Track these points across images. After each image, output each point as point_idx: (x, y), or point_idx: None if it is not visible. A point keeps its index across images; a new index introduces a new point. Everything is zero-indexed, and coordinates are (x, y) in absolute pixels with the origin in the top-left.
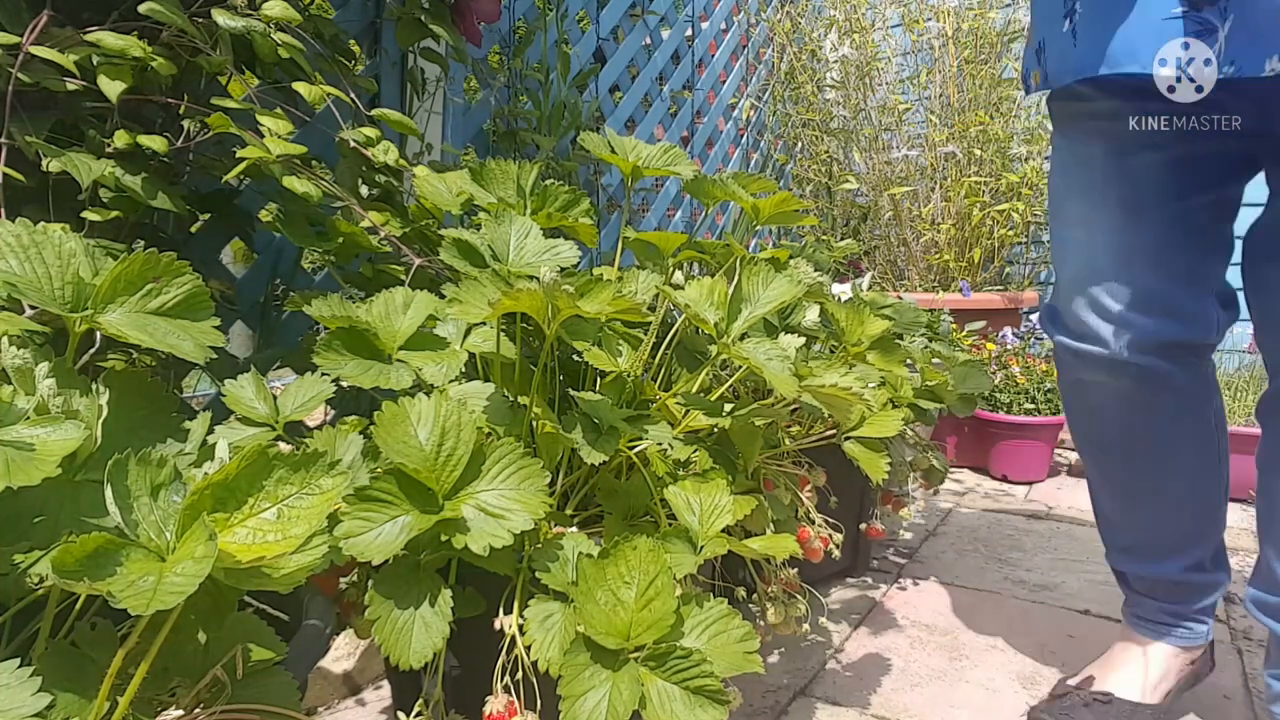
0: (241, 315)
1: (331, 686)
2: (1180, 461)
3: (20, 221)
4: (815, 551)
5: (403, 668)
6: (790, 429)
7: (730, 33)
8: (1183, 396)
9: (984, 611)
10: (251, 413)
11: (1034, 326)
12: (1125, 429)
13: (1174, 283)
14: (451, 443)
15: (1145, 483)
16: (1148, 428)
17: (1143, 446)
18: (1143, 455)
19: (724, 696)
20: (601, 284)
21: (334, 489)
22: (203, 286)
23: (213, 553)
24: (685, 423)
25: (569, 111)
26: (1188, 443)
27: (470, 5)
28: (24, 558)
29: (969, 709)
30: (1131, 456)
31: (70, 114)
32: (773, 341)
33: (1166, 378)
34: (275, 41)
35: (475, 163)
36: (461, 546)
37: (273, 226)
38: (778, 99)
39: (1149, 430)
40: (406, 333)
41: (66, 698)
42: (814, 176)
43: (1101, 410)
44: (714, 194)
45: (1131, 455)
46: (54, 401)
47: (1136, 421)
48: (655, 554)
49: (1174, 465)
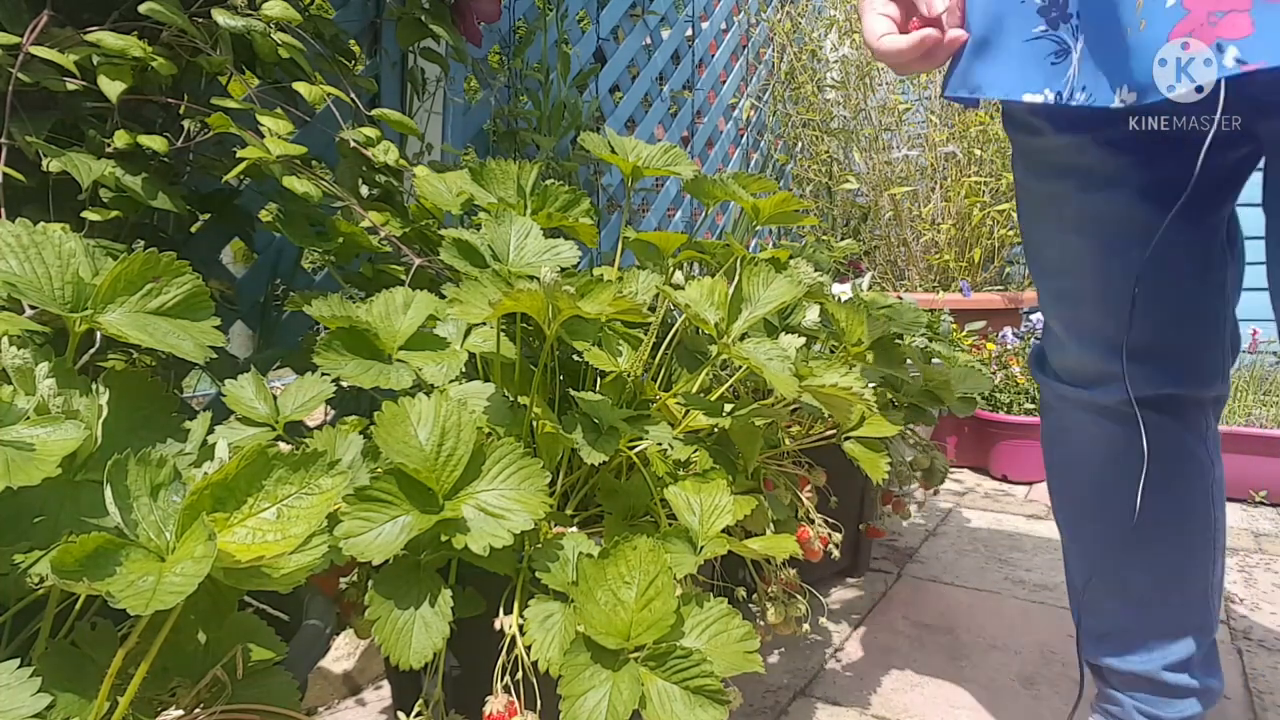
0: (241, 315)
1: (331, 686)
2: (1165, 537)
3: (20, 221)
4: (815, 551)
5: (403, 668)
6: (790, 429)
7: (730, 33)
8: (1174, 459)
9: (984, 611)
10: (251, 413)
11: (1034, 326)
12: (1104, 490)
13: (1169, 328)
14: (451, 443)
15: (1123, 558)
16: (1130, 491)
17: (1122, 514)
18: (1121, 524)
19: (724, 696)
20: (602, 284)
21: (334, 489)
22: (203, 286)
23: (212, 553)
24: (685, 423)
25: (569, 111)
26: (1175, 516)
27: (470, 5)
28: (24, 558)
29: (969, 709)
30: (1109, 524)
31: (70, 114)
32: (773, 341)
33: (1159, 434)
34: (275, 41)
35: (475, 163)
36: (461, 546)
37: (273, 226)
38: (778, 99)
39: (1130, 494)
40: (406, 333)
41: (66, 698)
42: (814, 176)
43: (1080, 465)
44: (714, 194)
45: (1109, 523)
46: (54, 401)
47: (1119, 484)
48: (655, 554)
49: (1157, 541)
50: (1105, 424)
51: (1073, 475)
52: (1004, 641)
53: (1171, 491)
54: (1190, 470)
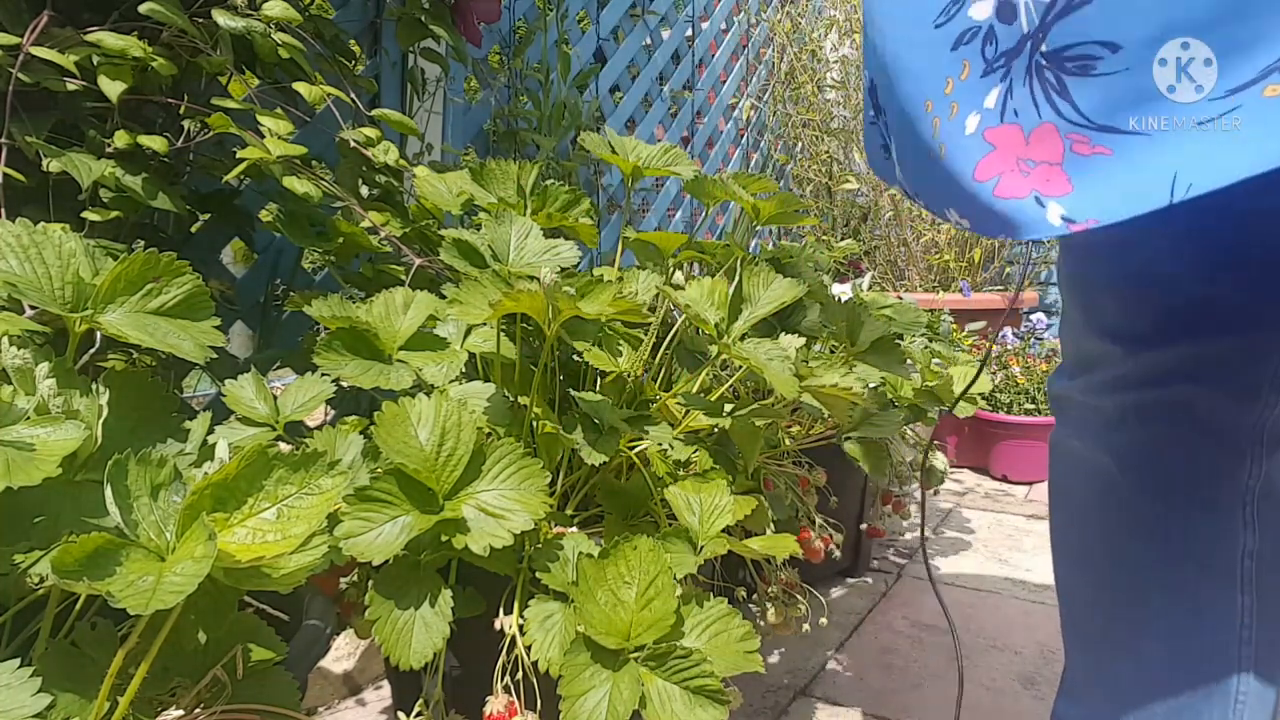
0: (241, 315)
1: (331, 686)
2: (1163, 609)
3: (20, 221)
4: (815, 551)
5: (403, 668)
6: (790, 429)
7: (730, 33)
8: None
9: (984, 611)
10: (251, 413)
11: (1034, 326)
12: (1105, 528)
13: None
14: (451, 443)
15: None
16: (1130, 534)
17: (1115, 561)
18: (1114, 575)
19: (724, 696)
20: (602, 284)
21: (334, 489)
22: (203, 286)
23: (212, 552)
24: (685, 423)
25: (569, 111)
26: (1179, 583)
27: (470, 5)
28: (24, 558)
29: (969, 709)
30: (1102, 575)
31: (70, 114)
32: (773, 341)
33: (1170, 460)
34: (275, 42)
35: (475, 163)
36: (462, 547)
37: (273, 226)
38: (778, 99)
39: (1131, 536)
40: (406, 333)
41: (66, 698)
42: (814, 176)
43: (1080, 491)
44: (714, 194)
45: (1102, 573)
46: (54, 401)
47: (1121, 518)
48: (655, 554)
49: (1152, 610)
50: (1113, 429)
51: (1067, 503)
52: (1004, 641)
53: (1171, 543)
54: (1209, 531)
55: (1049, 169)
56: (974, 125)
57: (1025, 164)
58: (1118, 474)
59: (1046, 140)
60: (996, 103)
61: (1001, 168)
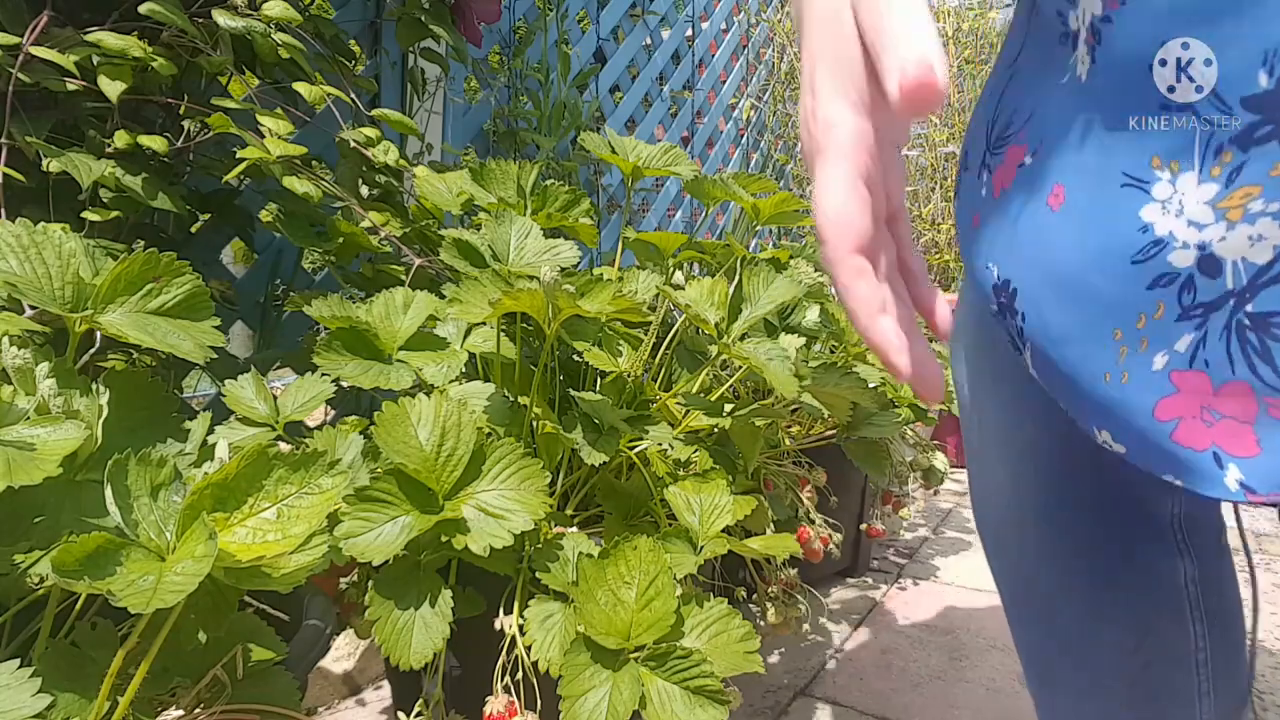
0: (241, 315)
1: (331, 686)
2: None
3: (20, 221)
4: (815, 551)
5: (403, 668)
6: (790, 429)
7: (730, 33)
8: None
9: (984, 611)
10: (251, 413)
11: None
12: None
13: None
14: (451, 443)
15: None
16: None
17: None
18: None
19: (724, 696)
20: (602, 284)
21: (334, 489)
22: (203, 286)
23: (212, 552)
24: (685, 423)
25: (569, 112)
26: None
27: (470, 5)
28: (24, 557)
29: (969, 709)
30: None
31: (70, 114)
32: (773, 341)
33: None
34: (275, 42)
35: (475, 163)
36: (462, 547)
37: (273, 226)
38: (778, 99)
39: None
40: (406, 333)
41: (66, 698)
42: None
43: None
44: (714, 194)
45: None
46: (54, 401)
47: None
48: (655, 554)
49: (1090, 671)
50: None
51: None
52: (1004, 641)
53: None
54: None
55: (1237, 425)
56: (1161, 364)
57: (1210, 413)
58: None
59: (1239, 397)
60: (1188, 349)
61: (1183, 411)
